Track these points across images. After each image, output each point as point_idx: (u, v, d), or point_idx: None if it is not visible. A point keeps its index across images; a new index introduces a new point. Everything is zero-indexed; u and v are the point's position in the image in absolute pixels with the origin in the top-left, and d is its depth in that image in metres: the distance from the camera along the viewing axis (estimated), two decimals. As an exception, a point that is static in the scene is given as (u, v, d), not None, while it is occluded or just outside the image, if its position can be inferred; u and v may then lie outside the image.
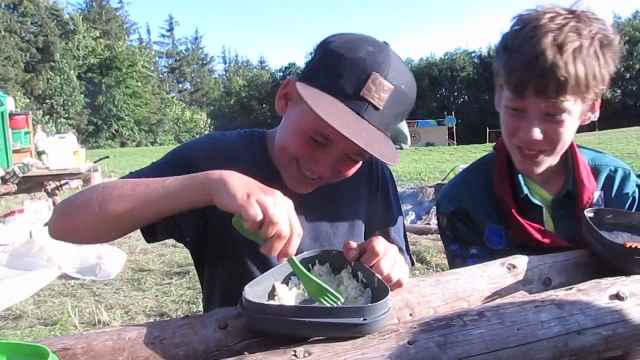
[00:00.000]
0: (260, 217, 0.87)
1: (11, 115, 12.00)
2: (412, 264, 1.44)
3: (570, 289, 1.02)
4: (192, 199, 0.97)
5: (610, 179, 1.43)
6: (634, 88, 48.67)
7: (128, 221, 1.02)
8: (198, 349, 0.85)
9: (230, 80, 76.30)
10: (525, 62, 1.20)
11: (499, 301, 1.02)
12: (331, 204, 1.30)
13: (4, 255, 5.21)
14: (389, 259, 1.01)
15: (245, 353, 0.80)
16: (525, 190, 1.37)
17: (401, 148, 19.52)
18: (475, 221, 1.42)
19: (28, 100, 45.25)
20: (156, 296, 4.68)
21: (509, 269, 1.13)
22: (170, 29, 75.69)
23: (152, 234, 1.14)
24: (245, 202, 0.88)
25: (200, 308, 4.26)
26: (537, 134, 1.25)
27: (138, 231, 1.11)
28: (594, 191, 1.38)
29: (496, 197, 1.40)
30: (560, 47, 1.18)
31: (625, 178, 1.44)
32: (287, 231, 0.90)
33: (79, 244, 1.14)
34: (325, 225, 1.29)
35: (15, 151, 11.17)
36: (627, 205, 1.42)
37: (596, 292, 1.00)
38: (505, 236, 1.38)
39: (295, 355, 0.77)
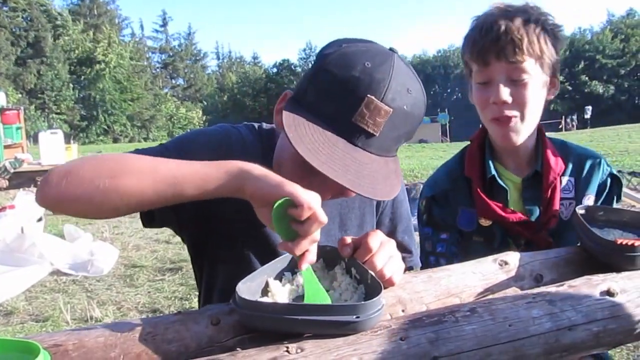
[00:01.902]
0: (315, 205, 0.83)
1: (2, 110, 11.93)
2: (421, 265, 1.40)
3: (562, 285, 1.02)
4: (221, 186, 0.90)
5: (579, 166, 1.51)
6: (626, 84, 49.04)
7: (142, 200, 0.92)
8: (190, 345, 0.84)
9: (223, 77, 76.09)
10: (483, 33, 1.37)
11: (490, 297, 1.02)
12: (341, 207, 1.27)
13: (-5, 251, 5.18)
14: (383, 254, 1.00)
15: (238, 349, 0.80)
16: (493, 172, 1.48)
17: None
18: (451, 204, 1.51)
19: (20, 95, 44.95)
20: (149, 292, 4.67)
21: (500, 265, 1.14)
22: (164, 24, 75.38)
23: (150, 218, 1.09)
24: (297, 188, 0.84)
25: (193, 304, 4.26)
26: (505, 94, 1.36)
27: (131, 227, 1.09)
28: (560, 172, 1.46)
29: (470, 181, 1.50)
30: (511, 18, 1.35)
31: (594, 165, 1.51)
32: (319, 236, 0.87)
33: (70, 215, 1.03)
34: (334, 229, 1.26)
35: (6, 146, 11.11)
36: (597, 191, 1.49)
37: (587, 289, 1.01)
38: (476, 220, 1.48)
39: (287, 351, 0.77)
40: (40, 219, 6.52)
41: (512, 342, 0.87)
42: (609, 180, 1.50)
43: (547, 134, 1.51)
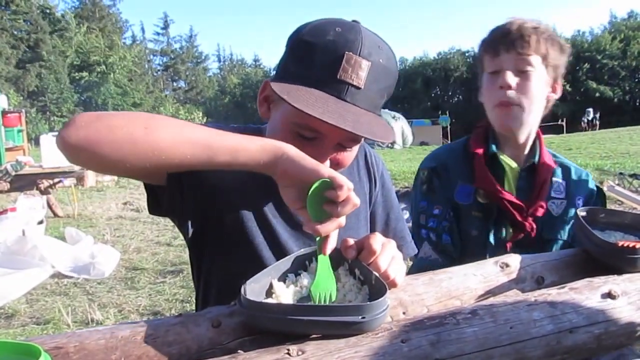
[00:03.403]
0: (352, 187, 0.88)
1: (4, 113, 11.97)
2: (417, 251, 1.43)
3: (563, 287, 1.02)
4: (253, 159, 0.92)
5: (567, 172, 1.69)
6: (627, 86, 49.07)
7: (172, 157, 0.90)
8: (191, 348, 0.84)
9: (224, 79, 76.15)
10: (497, 30, 1.57)
11: (492, 300, 1.02)
12: None
13: (-4, 254, 5.18)
14: (386, 255, 1.00)
15: (239, 351, 0.80)
16: (494, 149, 1.62)
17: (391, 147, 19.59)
18: (451, 177, 1.64)
19: (21, 98, 45.06)
20: (150, 295, 4.67)
21: (502, 267, 1.14)
22: (165, 27, 75.45)
23: (156, 203, 1.10)
24: (335, 172, 0.89)
25: (194, 307, 4.26)
26: (510, 78, 1.51)
27: (132, 229, 1.09)
28: (552, 169, 1.63)
29: (471, 159, 1.63)
30: (524, 22, 1.55)
31: (582, 175, 1.69)
32: (344, 222, 0.92)
33: (89, 166, 0.97)
34: None
35: (8, 149, 11.14)
36: (585, 195, 1.65)
37: (588, 291, 1.01)
38: (473, 195, 1.61)
39: (288, 354, 0.77)
40: (41, 222, 6.53)
41: (513, 344, 0.87)
42: (595, 191, 1.67)
43: (548, 136, 1.56)
